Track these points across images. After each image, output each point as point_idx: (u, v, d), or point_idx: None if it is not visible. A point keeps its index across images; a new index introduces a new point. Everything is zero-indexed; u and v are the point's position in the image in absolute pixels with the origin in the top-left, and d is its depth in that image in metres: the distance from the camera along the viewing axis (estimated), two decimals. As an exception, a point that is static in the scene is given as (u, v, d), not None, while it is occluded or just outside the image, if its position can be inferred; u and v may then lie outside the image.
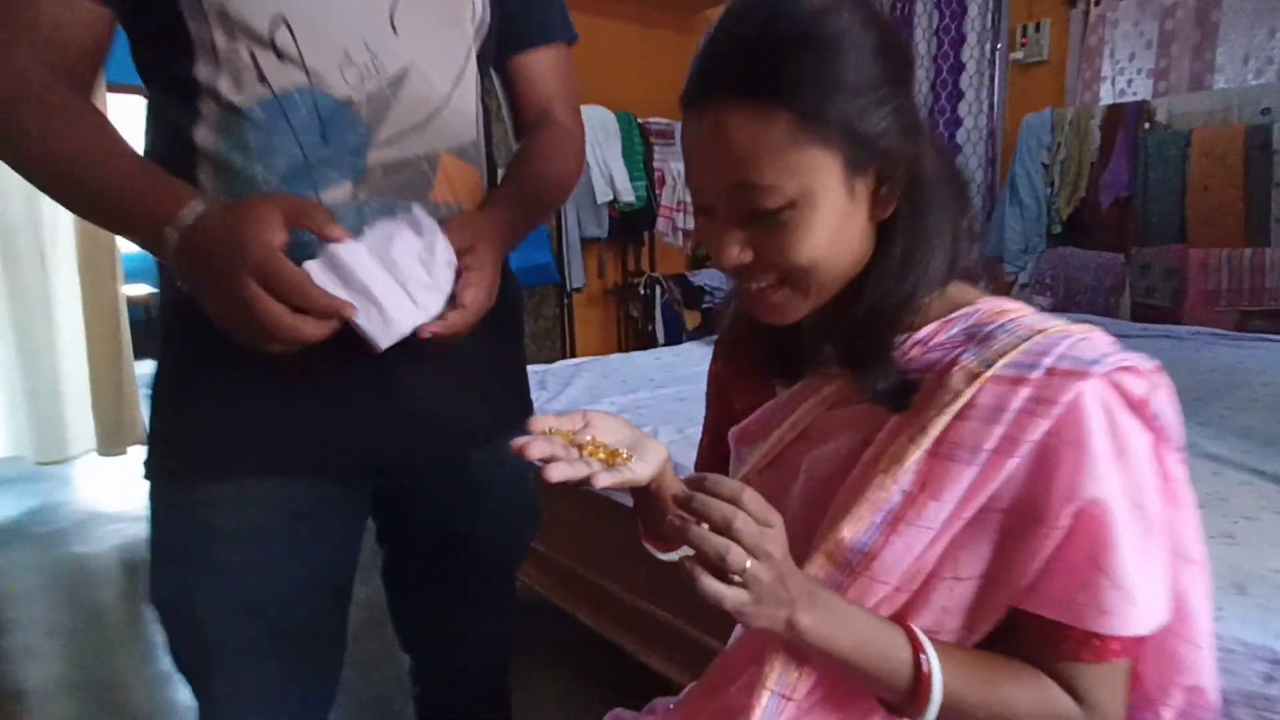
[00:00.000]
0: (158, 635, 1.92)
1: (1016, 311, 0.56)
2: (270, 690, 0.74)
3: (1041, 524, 0.49)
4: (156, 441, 0.70)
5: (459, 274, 0.64)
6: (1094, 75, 3.39)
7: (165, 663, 1.81)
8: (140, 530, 2.51)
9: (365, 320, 0.58)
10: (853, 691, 0.56)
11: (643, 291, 3.51)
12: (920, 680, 0.50)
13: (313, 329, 0.57)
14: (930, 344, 0.56)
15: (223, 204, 0.59)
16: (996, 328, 0.54)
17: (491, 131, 0.81)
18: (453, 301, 0.64)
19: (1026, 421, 0.49)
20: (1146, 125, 3.09)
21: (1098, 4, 3.31)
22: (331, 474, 0.72)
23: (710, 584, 0.47)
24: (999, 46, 3.57)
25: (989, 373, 0.51)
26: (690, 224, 3.65)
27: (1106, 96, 3.34)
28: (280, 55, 0.62)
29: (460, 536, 0.82)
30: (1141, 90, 3.27)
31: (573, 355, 3.10)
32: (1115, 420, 0.49)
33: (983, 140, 3.67)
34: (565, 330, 3.14)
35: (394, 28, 0.67)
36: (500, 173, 0.81)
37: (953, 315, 0.56)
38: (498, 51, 0.81)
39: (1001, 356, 0.51)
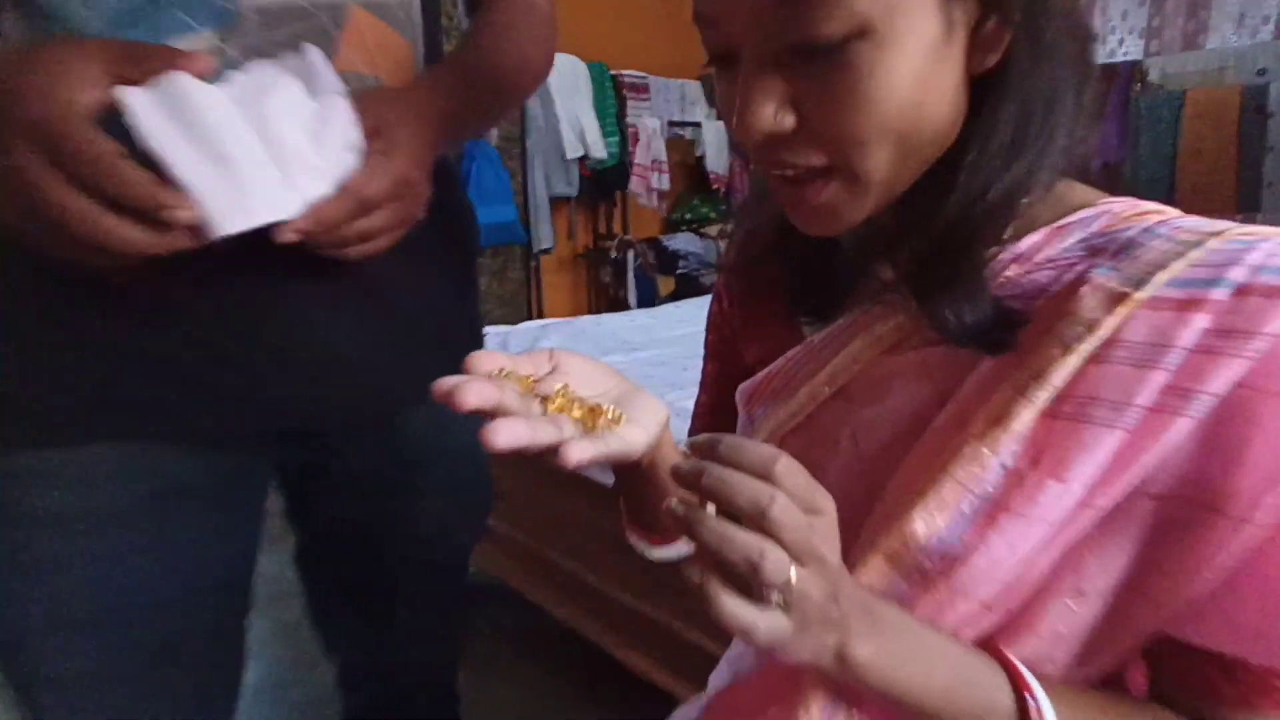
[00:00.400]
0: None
1: (1164, 212, 0.39)
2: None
3: (1223, 516, 0.33)
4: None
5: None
6: (1086, 34, 3.28)
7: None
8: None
9: (207, 189, 0.39)
10: None
11: (614, 255, 3.32)
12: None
13: (135, 236, 0.38)
14: (1036, 259, 0.40)
15: (14, 47, 0.41)
16: (1140, 231, 0.38)
17: (437, 8, 0.62)
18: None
19: (1204, 364, 0.33)
20: (1139, 86, 2.99)
21: (1091, -41, 3.18)
22: (213, 441, 0.55)
23: (733, 608, 0.31)
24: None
25: (1141, 293, 0.35)
26: (666, 184, 3.47)
27: (1099, 56, 3.23)
28: None
29: (389, 523, 0.65)
30: (1134, 50, 3.17)
31: (540, 320, 2.92)
32: None
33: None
34: (532, 295, 2.95)
35: None
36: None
37: (1066, 221, 0.40)
38: None
39: (1160, 269, 0.35)
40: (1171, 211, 0.39)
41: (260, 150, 0.40)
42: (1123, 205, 0.40)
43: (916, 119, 0.36)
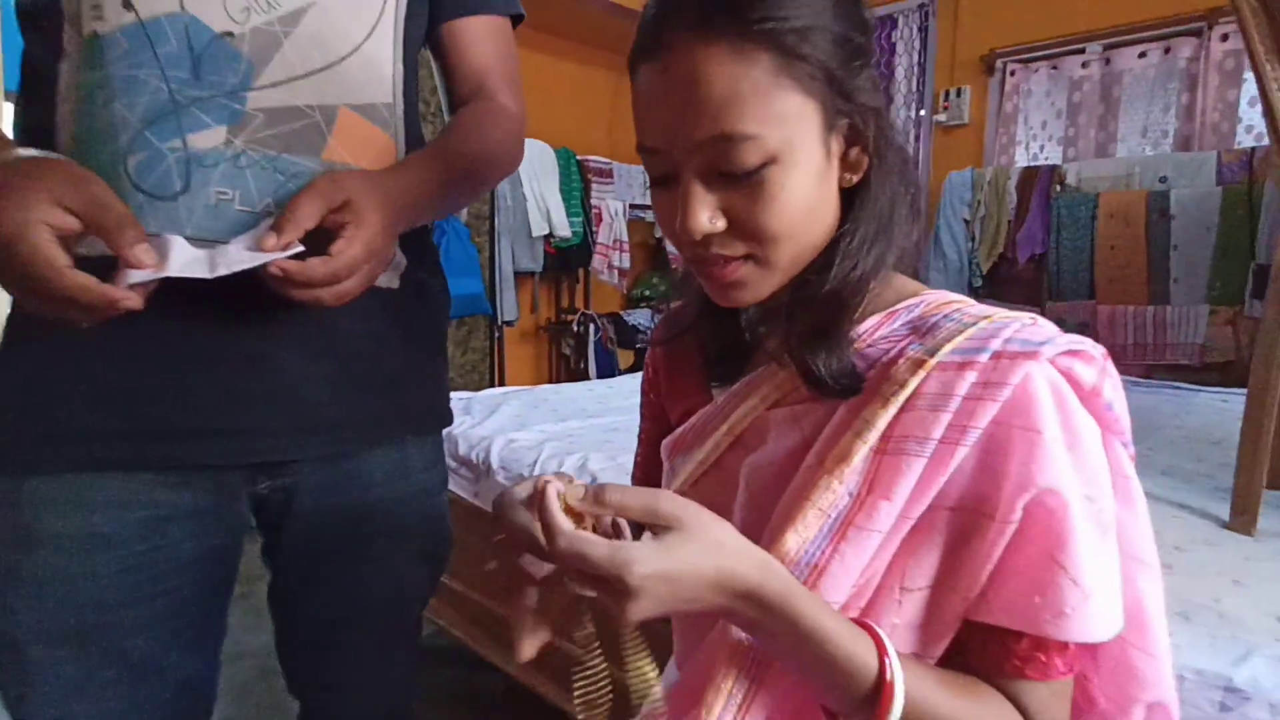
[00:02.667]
0: None
1: (960, 302, 0.52)
2: None
3: (992, 519, 0.44)
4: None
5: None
6: (1010, 139, 3.59)
7: None
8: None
9: (190, 259, 0.52)
10: None
11: (576, 329, 3.44)
12: (882, 689, 0.42)
13: (79, 316, 0.49)
14: (874, 337, 0.51)
15: (20, 157, 0.51)
16: (941, 318, 0.50)
17: (417, 107, 0.73)
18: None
19: (974, 407, 0.44)
20: (1058, 187, 3.28)
21: (1013, 74, 3.54)
22: (195, 472, 0.62)
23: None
24: (923, 109, 3.76)
25: (934, 360, 0.46)
26: (626, 263, 3.64)
27: (1021, 159, 3.55)
28: None
29: (350, 554, 0.71)
30: (1053, 155, 3.49)
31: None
32: (1067, 406, 0.44)
33: (909, 195, 3.83)
34: (495, 363, 3.03)
35: None
36: None
37: (896, 307, 0.52)
38: (431, 18, 0.73)
39: (947, 342, 0.47)
40: (967, 302, 0.52)
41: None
42: (935, 296, 0.52)
43: (810, 220, 0.49)
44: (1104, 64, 3.34)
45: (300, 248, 0.53)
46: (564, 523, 0.42)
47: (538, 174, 3.19)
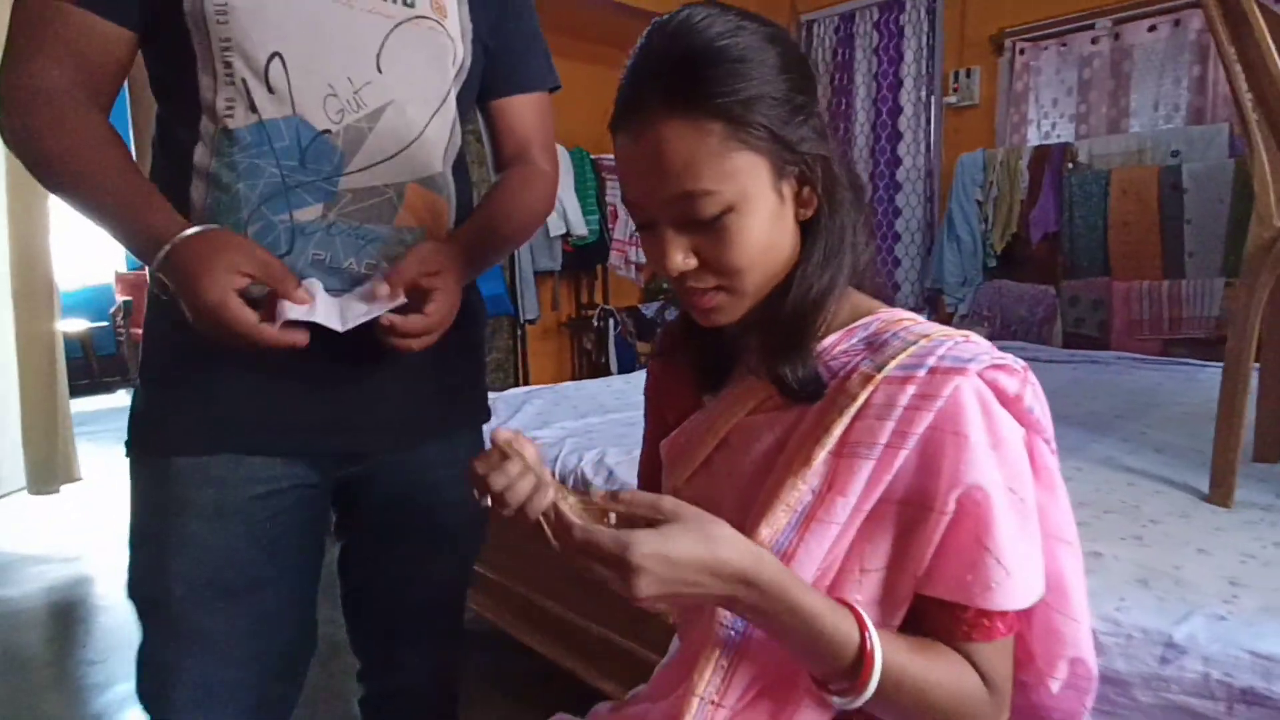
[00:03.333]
0: (86, 677, 1.84)
1: (910, 320, 0.60)
2: (240, 681, 0.74)
3: (931, 511, 0.52)
4: (138, 418, 0.74)
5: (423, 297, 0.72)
6: (1021, 118, 3.60)
7: (94, 703, 1.73)
8: (68, 572, 2.40)
9: (327, 310, 0.66)
10: (781, 699, 0.57)
11: (596, 324, 3.54)
12: (864, 657, 0.50)
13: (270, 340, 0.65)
14: (834, 352, 0.60)
15: (202, 232, 0.65)
16: (891, 335, 0.58)
17: (466, 162, 0.86)
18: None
19: (913, 416, 0.53)
20: (1070, 165, 3.29)
21: (1022, 53, 3.54)
22: (298, 455, 0.75)
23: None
24: (933, 91, 3.77)
25: (880, 375, 0.55)
26: (643, 257, 3.72)
27: (1033, 138, 3.55)
28: (271, 89, 0.68)
29: (412, 523, 0.85)
30: (1065, 133, 3.49)
31: (526, 386, 3.10)
32: (991, 412, 0.53)
33: (921, 178, 3.85)
34: (518, 361, 3.15)
35: (379, 68, 0.72)
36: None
37: (854, 325, 0.61)
38: (483, 92, 0.86)
39: (892, 360, 0.55)
40: (915, 319, 0.60)
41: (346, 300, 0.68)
42: (888, 315, 0.61)
43: (770, 253, 0.58)
44: (1114, 39, 3.33)
45: (404, 299, 0.69)
46: (575, 519, 0.51)
47: (553, 176, 3.28)
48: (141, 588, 0.73)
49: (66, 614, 2.14)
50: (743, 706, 0.58)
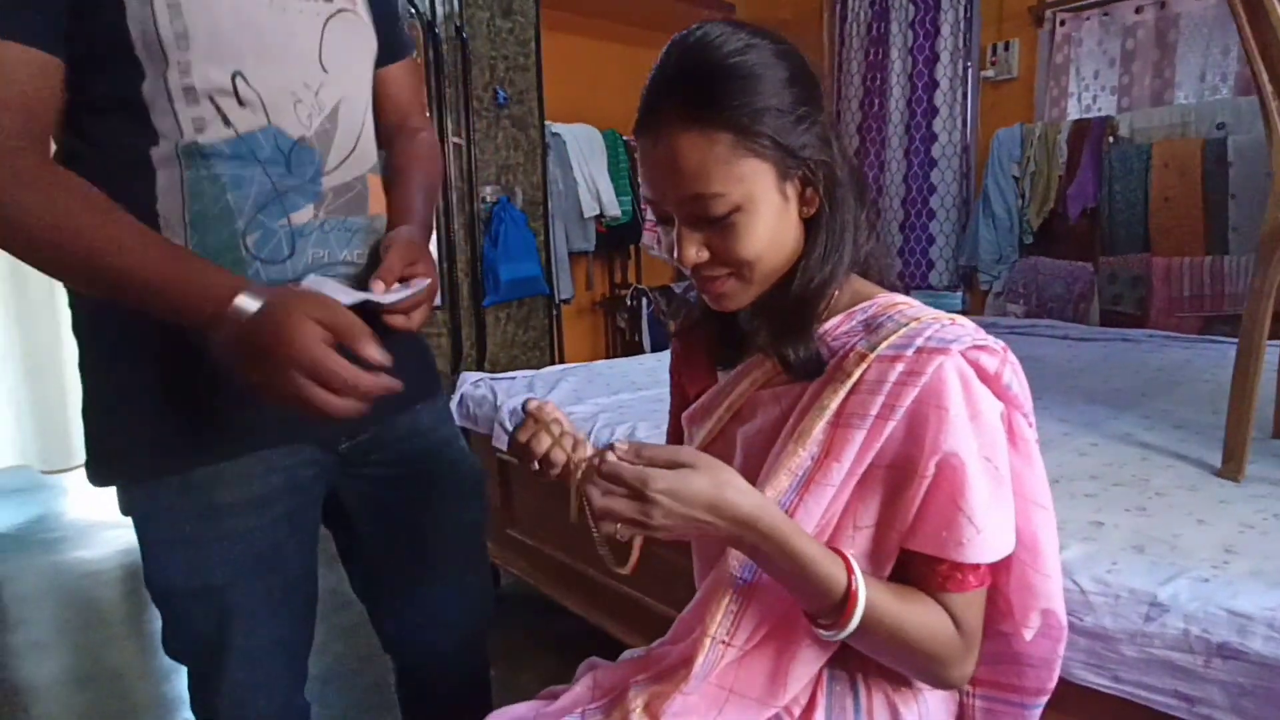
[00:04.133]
0: (158, 632, 1.99)
1: (904, 304, 0.66)
2: (276, 647, 0.84)
3: (914, 474, 0.59)
4: (135, 443, 0.76)
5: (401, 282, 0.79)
6: (1061, 92, 3.53)
7: (164, 657, 1.89)
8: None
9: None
10: (785, 641, 0.65)
11: (629, 303, 3.61)
12: (849, 594, 0.57)
13: (347, 407, 0.65)
14: (836, 334, 0.66)
15: (270, 302, 0.64)
16: (886, 318, 0.64)
17: None
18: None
19: (900, 390, 0.59)
20: (1110, 139, 3.23)
21: (1063, 24, 3.46)
22: (308, 439, 0.82)
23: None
24: (970, 65, 3.71)
25: (873, 354, 0.61)
26: (676, 237, 3.76)
27: (1074, 112, 3.48)
28: (242, 102, 0.72)
29: (417, 486, 0.92)
30: (1106, 106, 3.41)
31: (562, 364, 3.20)
32: (970, 388, 0.59)
33: (957, 154, 3.80)
34: (554, 340, 3.24)
35: (324, 67, 0.78)
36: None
37: (854, 308, 0.67)
38: None
39: (884, 340, 0.62)
40: (909, 303, 0.66)
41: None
42: (885, 299, 0.67)
43: (775, 247, 0.64)
44: (1159, 8, 3.24)
45: (399, 287, 0.76)
46: (609, 455, 0.57)
47: (587, 157, 3.34)
48: (187, 578, 0.78)
49: (139, 574, 2.32)
50: (750, 647, 0.65)
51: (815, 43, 4.05)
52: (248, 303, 0.63)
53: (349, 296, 0.72)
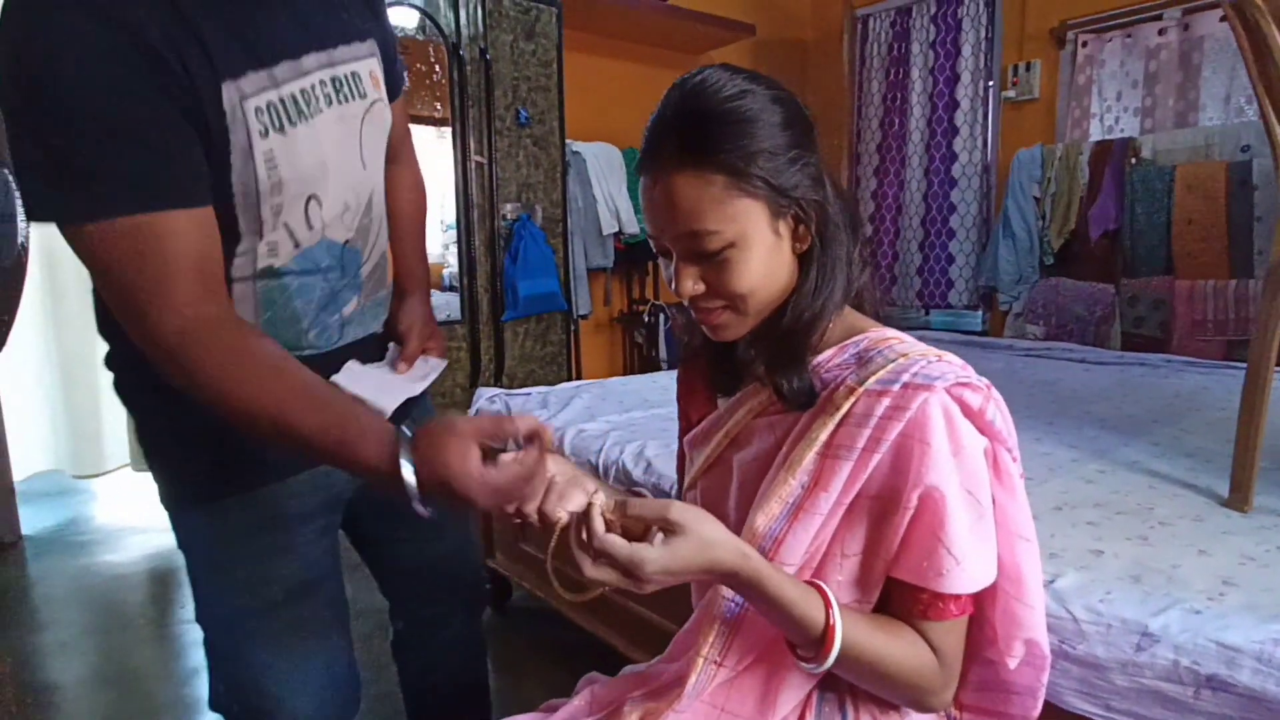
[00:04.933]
0: (183, 635, 2.05)
1: (895, 339, 0.68)
2: (327, 654, 0.88)
3: (898, 505, 0.61)
4: (210, 468, 0.81)
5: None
6: (1083, 113, 3.52)
7: (189, 659, 1.94)
8: (167, 540, 2.65)
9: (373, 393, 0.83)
10: (775, 664, 0.67)
11: (647, 319, 3.65)
12: (827, 631, 0.60)
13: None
14: (829, 366, 0.69)
15: (426, 438, 0.65)
16: (876, 352, 0.67)
17: None
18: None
19: (886, 424, 0.61)
20: (1133, 160, 3.21)
21: (1085, 45, 3.46)
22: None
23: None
24: (991, 85, 3.72)
25: (861, 389, 0.64)
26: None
27: (1095, 133, 3.47)
28: (310, 225, 0.77)
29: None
30: (1129, 127, 3.39)
31: (579, 379, 3.23)
32: (954, 423, 0.61)
33: (977, 174, 3.80)
34: (571, 355, 3.28)
35: (363, 163, 0.83)
36: None
37: (846, 341, 0.69)
38: None
39: (873, 375, 0.64)
40: (899, 338, 0.68)
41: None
42: (876, 334, 0.69)
43: (768, 281, 0.67)
44: (1183, 29, 3.22)
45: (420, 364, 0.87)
46: (600, 528, 0.59)
47: (605, 175, 3.39)
48: (237, 600, 0.82)
49: (166, 578, 2.38)
50: (742, 669, 0.68)
51: (836, 62, 4.09)
52: (408, 474, 0.64)
53: (393, 400, 0.82)
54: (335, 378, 0.82)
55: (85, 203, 0.62)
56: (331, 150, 0.77)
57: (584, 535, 0.60)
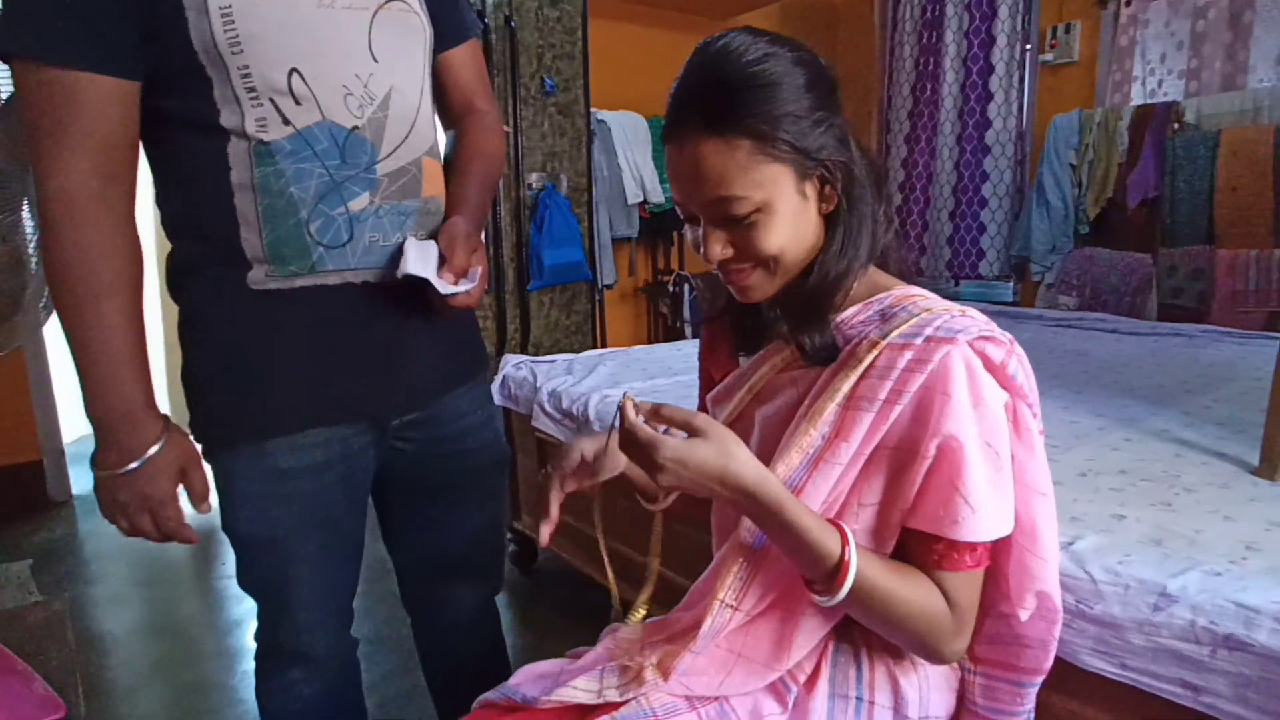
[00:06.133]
0: (226, 589, 2.14)
1: (919, 296, 0.69)
2: (329, 591, 0.93)
3: (916, 455, 0.62)
4: (227, 412, 0.85)
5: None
6: (1124, 76, 3.40)
7: (232, 611, 2.03)
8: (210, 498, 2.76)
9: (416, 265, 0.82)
10: (790, 610, 0.69)
11: (671, 289, 3.65)
12: (841, 562, 0.61)
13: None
14: (853, 322, 0.70)
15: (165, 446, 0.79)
16: (900, 309, 0.67)
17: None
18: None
19: (908, 377, 0.62)
20: (1175, 126, 3.11)
21: (1129, 5, 3.33)
22: (367, 419, 0.91)
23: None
24: (1028, 48, 3.61)
25: (884, 342, 0.64)
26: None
27: (1137, 97, 3.36)
28: (298, 100, 0.77)
29: (449, 466, 1.00)
30: (1173, 91, 3.28)
31: (604, 348, 3.26)
32: (975, 376, 0.62)
33: (1011, 142, 3.71)
34: (596, 324, 3.30)
35: (374, 58, 0.83)
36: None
37: (871, 299, 0.70)
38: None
39: (896, 329, 0.65)
40: (923, 295, 0.69)
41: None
42: (900, 291, 0.70)
43: (795, 242, 0.68)
44: (1233, -13, 3.09)
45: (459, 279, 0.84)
46: (631, 414, 0.63)
47: (631, 143, 3.38)
48: (245, 531, 0.88)
49: (209, 535, 2.48)
50: (757, 613, 0.70)
51: (867, 26, 3.99)
52: (154, 449, 0.79)
53: (438, 283, 0.82)
54: (406, 244, 0.84)
55: (7, 40, 0.71)
56: (317, 23, 0.77)
57: (616, 423, 0.63)
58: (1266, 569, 0.80)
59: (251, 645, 0.99)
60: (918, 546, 0.64)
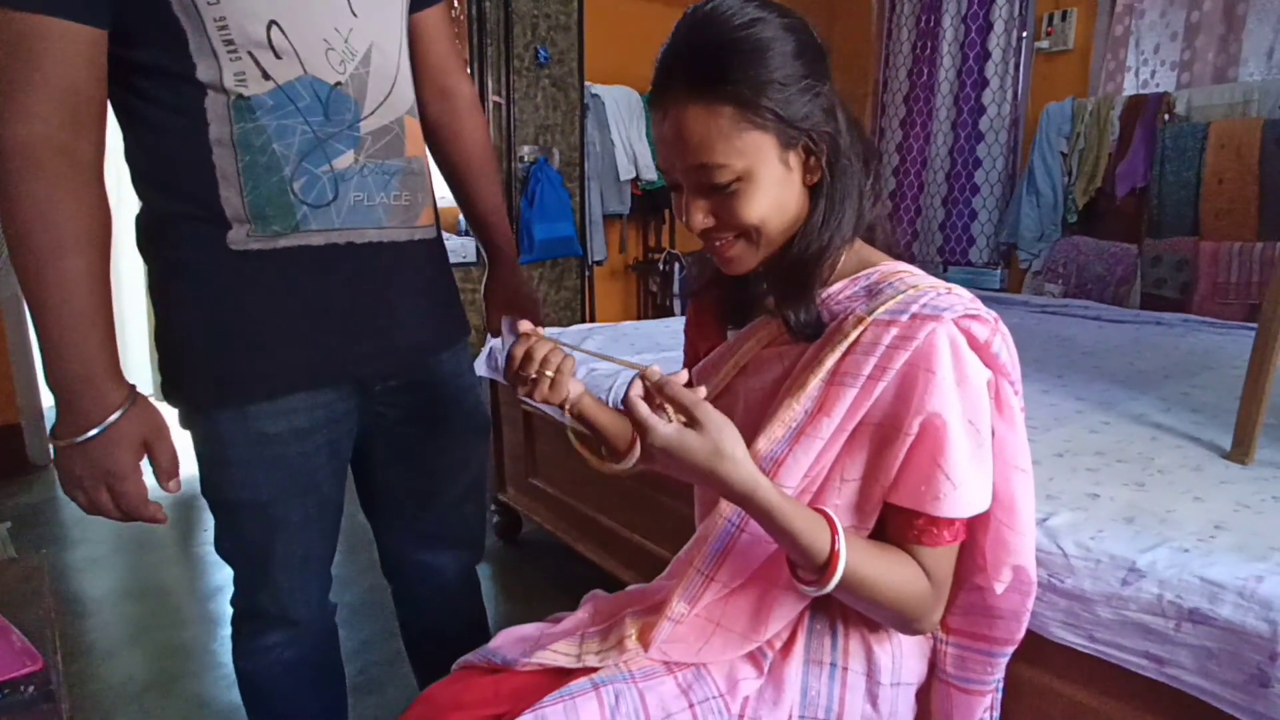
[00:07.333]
0: (207, 555, 2.14)
1: (906, 272, 0.69)
2: (310, 555, 0.94)
3: (899, 432, 0.63)
4: (208, 378, 0.82)
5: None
6: (1118, 65, 3.41)
7: (213, 577, 2.03)
8: (191, 467, 2.74)
9: None
10: (768, 584, 0.70)
11: (662, 267, 3.64)
12: (831, 558, 0.61)
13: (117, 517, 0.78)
14: (839, 298, 0.70)
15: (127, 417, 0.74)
16: (887, 285, 0.68)
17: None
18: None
19: (893, 353, 0.63)
20: (1165, 117, 3.12)
21: (1125, -6, 3.33)
22: (351, 383, 0.90)
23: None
24: (1025, 35, 3.60)
25: (870, 318, 0.65)
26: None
27: (1130, 87, 3.36)
28: (278, 54, 0.75)
29: (426, 431, 1.00)
30: (1165, 82, 3.28)
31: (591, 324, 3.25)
32: (959, 354, 0.62)
33: (1005, 129, 3.71)
34: (586, 301, 3.29)
35: (354, 12, 0.81)
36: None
37: (858, 274, 0.70)
38: None
39: (882, 305, 0.65)
40: (910, 271, 0.69)
41: None
42: (888, 267, 0.70)
43: (778, 213, 0.68)
44: (1229, -22, 3.09)
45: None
46: (637, 388, 0.62)
47: (624, 119, 3.35)
48: (238, 492, 0.86)
49: (190, 501, 2.47)
50: (736, 585, 0.71)
51: (865, 8, 3.96)
52: (116, 416, 0.73)
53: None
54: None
55: None
56: None
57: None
58: (1233, 546, 0.82)
59: (227, 610, 0.99)
60: (898, 521, 0.65)
